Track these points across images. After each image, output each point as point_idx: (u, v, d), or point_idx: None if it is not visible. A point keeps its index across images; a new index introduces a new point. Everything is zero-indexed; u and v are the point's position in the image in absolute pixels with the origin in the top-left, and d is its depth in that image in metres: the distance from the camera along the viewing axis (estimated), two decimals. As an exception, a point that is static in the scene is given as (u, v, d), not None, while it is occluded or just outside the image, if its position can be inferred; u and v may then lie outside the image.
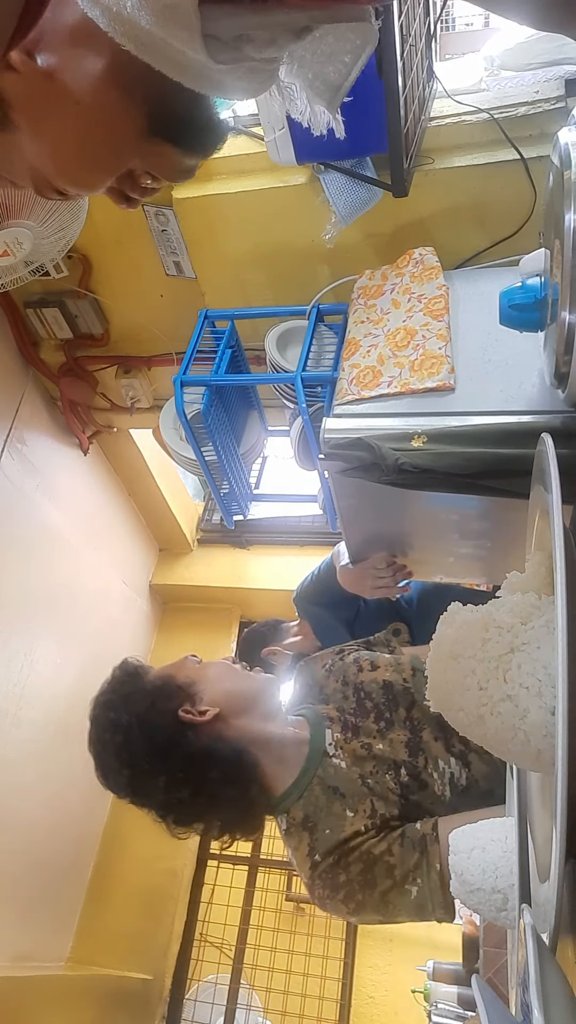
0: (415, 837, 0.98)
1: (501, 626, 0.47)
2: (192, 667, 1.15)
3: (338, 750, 1.10)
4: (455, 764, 1.07)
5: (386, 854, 0.97)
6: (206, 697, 1.09)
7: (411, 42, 1.44)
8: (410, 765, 1.07)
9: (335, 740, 1.12)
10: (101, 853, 3.02)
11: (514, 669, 0.45)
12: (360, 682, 1.20)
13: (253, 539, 3.62)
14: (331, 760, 1.09)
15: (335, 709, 1.18)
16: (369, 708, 1.16)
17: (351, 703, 1.18)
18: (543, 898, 0.48)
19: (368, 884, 0.96)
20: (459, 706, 0.48)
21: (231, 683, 1.13)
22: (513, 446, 1.23)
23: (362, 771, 1.07)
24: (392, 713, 1.14)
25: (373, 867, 0.96)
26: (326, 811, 1.03)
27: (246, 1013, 2.97)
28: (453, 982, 2.08)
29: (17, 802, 2.51)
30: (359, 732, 1.12)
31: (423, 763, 1.07)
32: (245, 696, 1.11)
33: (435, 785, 1.05)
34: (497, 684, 0.45)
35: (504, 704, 0.44)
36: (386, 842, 0.98)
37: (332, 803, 1.03)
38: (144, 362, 2.52)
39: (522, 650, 0.45)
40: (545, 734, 0.42)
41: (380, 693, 1.17)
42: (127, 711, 1.06)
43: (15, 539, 2.58)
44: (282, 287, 2.08)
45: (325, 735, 1.12)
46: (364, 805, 1.03)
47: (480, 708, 0.46)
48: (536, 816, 0.58)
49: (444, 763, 1.07)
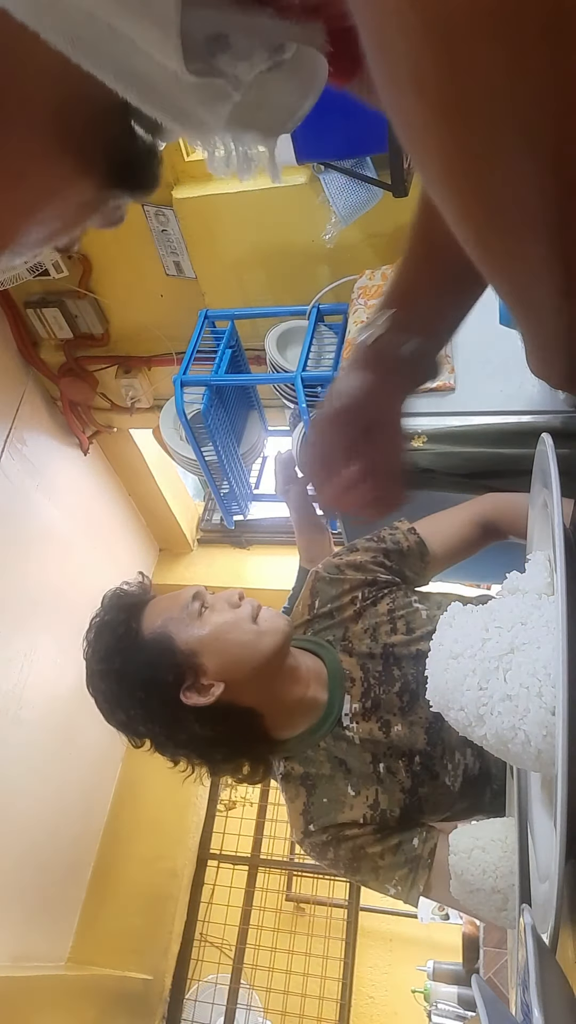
0: (410, 854, 0.97)
1: (501, 626, 0.47)
2: (193, 624, 1.00)
3: (353, 722, 1.04)
4: (471, 755, 1.04)
5: (377, 856, 0.98)
6: (210, 668, 0.98)
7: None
8: (426, 755, 1.02)
9: (352, 711, 1.04)
10: (101, 853, 3.02)
11: (514, 669, 0.45)
12: (391, 644, 1.08)
13: (253, 539, 3.62)
14: (343, 732, 1.03)
15: (359, 666, 1.07)
16: (396, 677, 1.06)
17: (377, 665, 1.07)
18: (543, 898, 0.48)
19: (351, 869, 1.00)
20: (459, 705, 0.48)
21: (237, 649, 0.99)
22: (513, 446, 1.23)
23: (375, 753, 1.02)
24: (419, 686, 1.04)
25: (361, 860, 0.98)
26: (328, 779, 1.01)
27: (246, 1013, 2.97)
28: (453, 982, 2.09)
29: (17, 802, 2.51)
30: (380, 705, 1.04)
31: (439, 753, 1.03)
32: (253, 662, 0.99)
33: (446, 776, 1.03)
34: (497, 684, 0.45)
35: (504, 704, 0.44)
36: (381, 846, 0.98)
37: (335, 774, 1.02)
38: (144, 362, 2.52)
39: (522, 650, 0.45)
40: (545, 734, 0.42)
41: (411, 663, 1.06)
42: (124, 688, 0.99)
43: (15, 539, 2.58)
44: (282, 287, 2.08)
45: (344, 701, 1.05)
46: (368, 791, 1.00)
47: (480, 708, 0.46)
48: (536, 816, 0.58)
49: (460, 754, 1.03)
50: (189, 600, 1.02)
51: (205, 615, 1.01)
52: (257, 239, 1.99)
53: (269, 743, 1.04)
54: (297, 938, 3.08)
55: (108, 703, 1.01)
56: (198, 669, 0.97)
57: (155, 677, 0.96)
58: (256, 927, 3.12)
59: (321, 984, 2.97)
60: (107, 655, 1.01)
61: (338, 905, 3.15)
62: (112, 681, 1.00)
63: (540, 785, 0.58)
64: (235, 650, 0.99)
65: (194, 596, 1.02)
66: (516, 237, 0.38)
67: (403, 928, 3.27)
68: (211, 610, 1.02)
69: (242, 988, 3.00)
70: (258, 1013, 3.02)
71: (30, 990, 2.38)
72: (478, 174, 0.34)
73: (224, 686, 0.97)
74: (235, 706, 0.98)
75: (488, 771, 1.04)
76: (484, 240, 0.39)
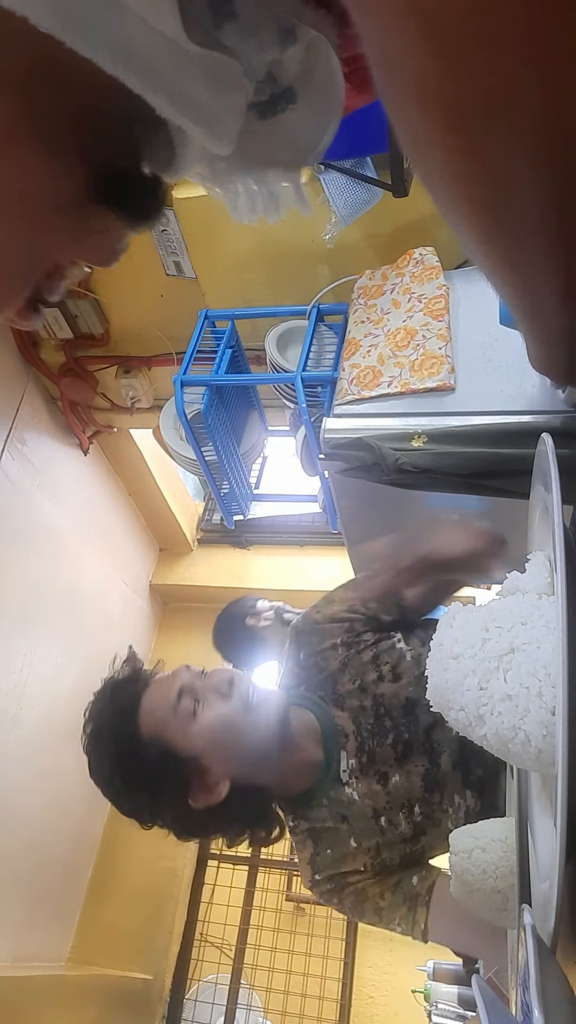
0: (408, 892, 0.99)
1: (501, 626, 0.47)
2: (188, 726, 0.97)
3: (352, 778, 1.04)
4: (471, 797, 1.03)
5: (377, 897, 1.00)
6: (213, 768, 0.97)
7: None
8: (424, 803, 1.02)
9: (350, 767, 1.04)
10: (101, 853, 3.02)
11: (514, 669, 0.44)
12: (380, 695, 1.07)
13: (253, 539, 3.62)
14: (344, 789, 1.04)
15: (351, 721, 1.07)
16: (388, 728, 1.05)
17: (369, 717, 1.06)
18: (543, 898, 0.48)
19: (357, 913, 1.03)
20: (459, 706, 0.47)
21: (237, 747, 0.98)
22: (513, 446, 1.23)
23: (375, 807, 1.03)
24: (411, 735, 1.05)
25: (364, 903, 1.01)
26: (332, 832, 1.04)
27: (246, 1013, 2.97)
28: (453, 982, 2.08)
29: (17, 802, 2.51)
30: (375, 759, 1.04)
31: (438, 799, 1.03)
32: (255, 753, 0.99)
33: (448, 821, 1.03)
34: (498, 684, 0.45)
35: (504, 704, 0.44)
36: (380, 887, 1.00)
37: (339, 827, 1.04)
38: (144, 362, 2.52)
39: (522, 650, 0.45)
40: (545, 734, 0.42)
41: (400, 712, 1.06)
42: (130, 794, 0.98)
43: (15, 539, 2.58)
44: (282, 287, 2.08)
45: (340, 758, 1.05)
46: (370, 843, 1.02)
47: (480, 708, 0.46)
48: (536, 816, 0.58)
49: (460, 797, 1.03)
50: (176, 699, 0.98)
51: (199, 714, 0.98)
52: (257, 239, 1.99)
53: (281, 803, 1.06)
54: (297, 938, 3.08)
55: (114, 801, 1.01)
56: (203, 771, 0.97)
57: (159, 784, 0.96)
58: (256, 927, 3.12)
59: (321, 984, 2.97)
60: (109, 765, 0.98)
61: (338, 905, 3.15)
62: (117, 787, 0.99)
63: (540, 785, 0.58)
64: (235, 748, 0.98)
65: (180, 692, 0.98)
66: (519, 241, 0.38)
67: (403, 928, 3.26)
68: (203, 705, 0.98)
69: (242, 988, 3.00)
70: (258, 1013, 3.01)
71: (30, 990, 2.38)
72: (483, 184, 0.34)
73: (229, 782, 0.97)
74: (242, 792, 0.99)
75: (494, 804, 1.03)
76: (488, 245, 0.40)
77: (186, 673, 1.01)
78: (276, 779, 1.04)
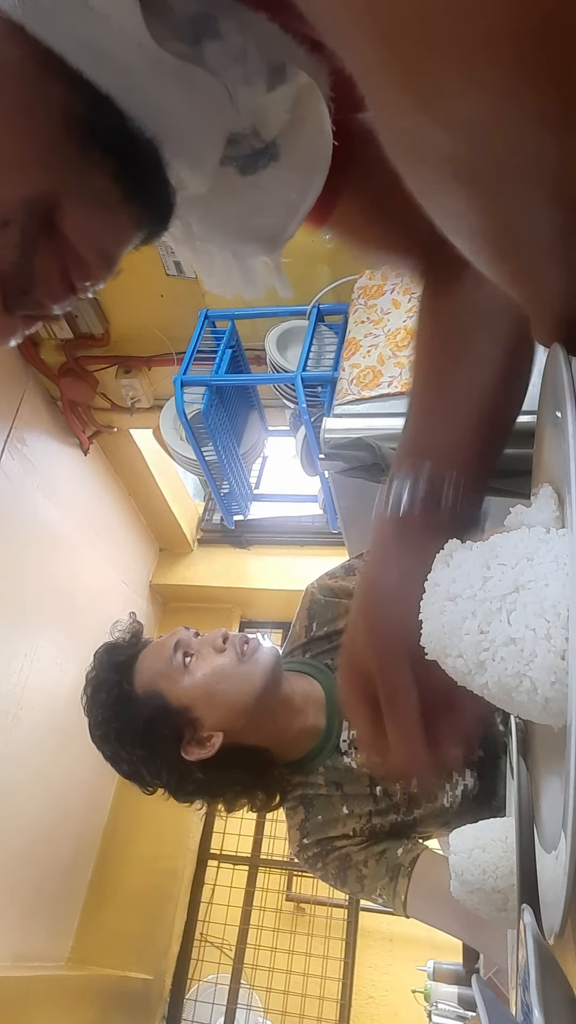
0: (391, 862, 0.98)
1: (504, 563, 0.41)
2: (182, 677, 0.99)
3: (351, 748, 1.05)
4: (470, 776, 1.03)
5: (361, 864, 0.99)
6: (207, 720, 0.98)
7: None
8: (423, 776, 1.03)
9: (351, 738, 1.05)
10: (101, 853, 3.02)
11: (519, 610, 0.39)
12: None
13: (253, 539, 3.62)
14: (342, 759, 1.05)
15: None
16: None
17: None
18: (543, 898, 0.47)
19: (340, 880, 1.02)
20: (457, 652, 0.41)
21: (229, 697, 0.99)
22: (513, 446, 1.23)
23: (372, 777, 1.03)
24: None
25: (347, 869, 1.00)
26: (325, 799, 1.03)
27: (246, 1013, 2.97)
28: (453, 982, 2.08)
29: (17, 802, 2.51)
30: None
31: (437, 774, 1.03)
32: (247, 705, 0.99)
33: (445, 798, 1.03)
34: (500, 626, 0.39)
35: (508, 648, 0.39)
36: (365, 853, 0.99)
37: (332, 794, 1.03)
38: (144, 362, 2.52)
39: (528, 588, 0.39)
40: (554, 681, 0.37)
41: None
42: (126, 748, 0.99)
43: (15, 539, 2.58)
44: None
45: (342, 728, 1.06)
46: (362, 810, 1.02)
47: (481, 654, 0.40)
48: (543, 776, 0.55)
49: (459, 775, 1.03)
50: (172, 652, 1.01)
51: (192, 666, 1.00)
52: (257, 239, 1.99)
53: (279, 770, 1.05)
54: (297, 938, 3.08)
55: (113, 760, 1.02)
56: (195, 723, 0.98)
57: (153, 736, 0.97)
58: (256, 927, 3.12)
59: (321, 984, 2.96)
60: (104, 718, 1.01)
61: (338, 905, 3.15)
62: (113, 742, 1.01)
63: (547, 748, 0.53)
64: (227, 698, 0.99)
65: (176, 646, 1.01)
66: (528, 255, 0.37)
67: (403, 928, 3.26)
68: (197, 658, 1.01)
69: (242, 988, 3.00)
70: (258, 1013, 3.01)
71: (30, 990, 2.38)
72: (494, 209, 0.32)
73: (223, 734, 0.98)
74: (237, 749, 0.99)
75: (493, 789, 1.03)
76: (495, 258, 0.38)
77: (183, 631, 1.05)
78: (274, 742, 1.03)
